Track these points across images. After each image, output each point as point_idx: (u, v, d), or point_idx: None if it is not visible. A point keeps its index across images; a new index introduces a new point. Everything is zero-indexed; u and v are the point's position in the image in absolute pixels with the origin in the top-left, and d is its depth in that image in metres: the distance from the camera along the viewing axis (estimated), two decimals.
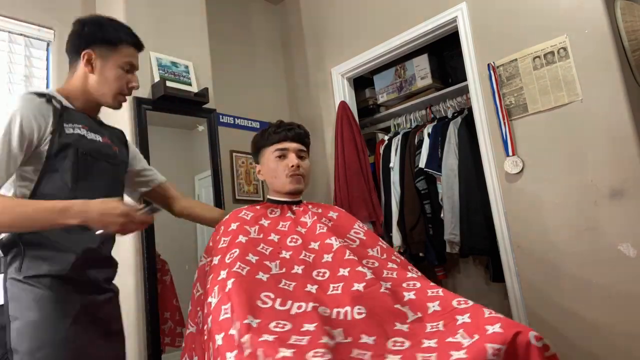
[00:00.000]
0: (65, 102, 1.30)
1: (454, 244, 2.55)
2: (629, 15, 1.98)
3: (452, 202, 2.54)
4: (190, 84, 2.28)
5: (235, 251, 1.35)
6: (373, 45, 2.74)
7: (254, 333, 1.06)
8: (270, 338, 1.04)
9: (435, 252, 2.73)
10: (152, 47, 2.18)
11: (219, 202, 2.27)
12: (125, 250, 1.99)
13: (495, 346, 0.96)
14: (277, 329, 1.09)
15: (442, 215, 2.60)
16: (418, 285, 1.33)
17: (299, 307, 1.20)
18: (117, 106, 1.41)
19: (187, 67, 2.30)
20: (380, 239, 1.62)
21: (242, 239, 1.40)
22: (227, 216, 1.55)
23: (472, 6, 2.32)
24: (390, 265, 1.46)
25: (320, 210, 1.63)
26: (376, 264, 1.44)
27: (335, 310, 1.21)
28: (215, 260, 1.37)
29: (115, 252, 2.05)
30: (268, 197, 1.66)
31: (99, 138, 1.34)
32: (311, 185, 3.04)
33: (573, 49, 1.99)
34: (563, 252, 1.98)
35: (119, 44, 1.36)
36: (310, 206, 1.65)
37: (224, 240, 1.42)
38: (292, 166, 1.57)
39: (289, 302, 1.21)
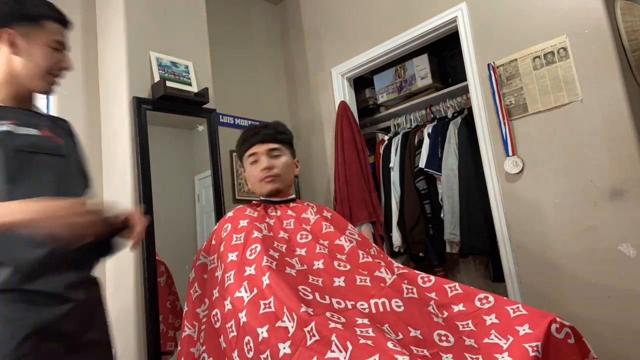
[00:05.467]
0: None
1: (454, 244, 2.56)
2: (629, 15, 1.98)
3: (452, 202, 2.54)
4: (190, 84, 2.28)
5: (257, 246, 1.32)
6: (373, 45, 2.74)
7: (318, 321, 1.03)
8: (339, 326, 1.02)
9: (435, 252, 2.73)
10: (152, 47, 2.19)
11: (219, 202, 2.27)
12: (126, 249, 1.99)
13: (532, 344, 1.01)
14: (336, 319, 1.06)
15: (442, 215, 2.60)
16: (433, 279, 1.34)
17: (339, 303, 1.18)
18: (48, 89, 1.26)
19: (187, 67, 2.30)
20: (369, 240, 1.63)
21: (257, 235, 1.37)
22: (231, 213, 1.53)
23: (472, 6, 2.32)
24: (395, 264, 1.46)
25: (315, 209, 1.63)
26: (382, 264, 1.44)
27: (372, 302, 1.19)
28: (232, 256, 1.33)
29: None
30: (262, 197, 1.66)
31: (34, 132, 1.20)
32: (311, 185, 3.04)
33: (573, 49, 1.99)
34: (563, 252, 1.98)
35: (42, 20, 1.22)
36: (305, 204, 1.65)
37: (237, 237, 1.39)
38: (263, 169, 1.56)
39: (327, 297, 1.19)
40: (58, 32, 1.25)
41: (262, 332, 1.08)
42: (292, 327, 1.06)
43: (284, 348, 1.02)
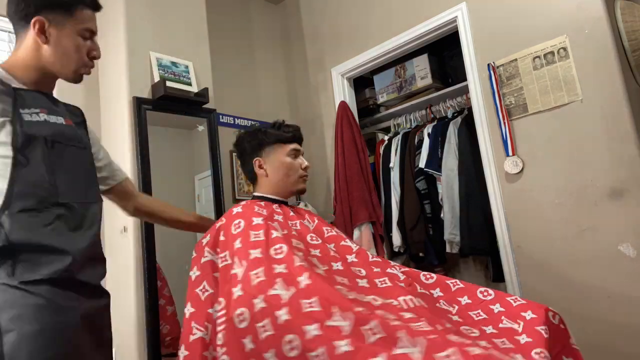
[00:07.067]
0: (15, 83, 1.13)
1: (454, 243, 2.55)
2: (629, 15, 1.98)
3: (452, 202, 2.54)
4: (190, 84, 2.28)
5: (282, 246, 1.28)
6: (373, 45, 2.74)
7: (379, 318, 1.03)
8: (398, 322, 1.02)
9: (435, 252, 2.73)
10: (152, 47, 2.19)
11: (219, 202, 2.27)
12: (126, 250, 1.99)
13: (542, 327, 1.14)
14: (392, 316, 1.06)
15: (442, 215, 2.60)
16: (434, 276, 1.38)
17: (375, 300, 1.17)
18: (78, 80, 1.23)
19: (187, 67, 2.30)
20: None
21: (277, 234, 1.33)
22: (239, 209, 1.47)
23: (472, 6, 2.32)
24: (393, 264, 1.47)
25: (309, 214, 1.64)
26: (392, 263, 1.46)
27: (401, 299, 1.20)
28: (255, 253, 1.26)
29: (116, 252, 2.05)
30: (261, 194, 1.59)
31: (60, 120, 1.18)
32: (311, 185, 3.04)
33: (573, 49, 1.99)
34: (563, 252, 1.98)
35: (75, 7, 1.18)
36: (302, 209, 1.65)
37: (255, 234, 1.33)
38: (306, 168, 1.62)
39: (362, 295, 1.19)
40: (89, 18, 1.21)
41: (311, 330, 1.04)
42: (348, 325, 1.03)
43: (344, 345, 0.99)
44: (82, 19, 1.19)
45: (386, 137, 3.04)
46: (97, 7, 1.24)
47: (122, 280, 1.99)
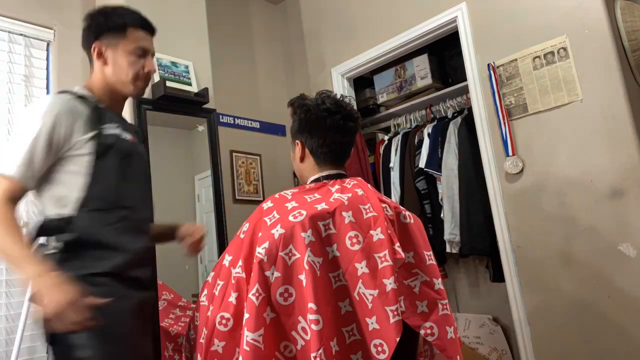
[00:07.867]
0: (96, 102, 1.31)
1: (454, 244, 2.55)
2: (629, 15, 1.98)
3: (452, 202, 2.54)
4: (190, 84, 2.28)
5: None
6: (373, 45, 2.74)
7: None
8: None
9: (435, 252, 2.72)
10: None
11: (219, 202, 2.27)
12: None
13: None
14: None
15: (442, 215, 2.60)
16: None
17: None
18: (138, 93, 1.38)
19: (187, 67, 2.30)
20: None
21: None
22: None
23: (472, 6, 2.32)
24: None
25: None
26: None
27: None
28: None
29: None
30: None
31: (129, 136, 1.34)
32: None
33: (573, 49, 1.99)
34: (563, 252, 1.98)
35: (126, 29, 1.32)
36: None
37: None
38: None
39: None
40: (141, 38, 1.35)
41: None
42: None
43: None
44: (133, 38, 1.33)
45: (386, 137, 3.04)
46: (147, 28, 1.37)
47: None
